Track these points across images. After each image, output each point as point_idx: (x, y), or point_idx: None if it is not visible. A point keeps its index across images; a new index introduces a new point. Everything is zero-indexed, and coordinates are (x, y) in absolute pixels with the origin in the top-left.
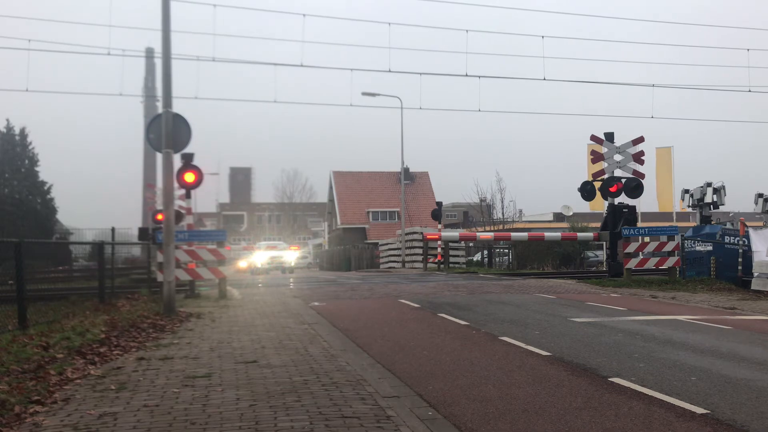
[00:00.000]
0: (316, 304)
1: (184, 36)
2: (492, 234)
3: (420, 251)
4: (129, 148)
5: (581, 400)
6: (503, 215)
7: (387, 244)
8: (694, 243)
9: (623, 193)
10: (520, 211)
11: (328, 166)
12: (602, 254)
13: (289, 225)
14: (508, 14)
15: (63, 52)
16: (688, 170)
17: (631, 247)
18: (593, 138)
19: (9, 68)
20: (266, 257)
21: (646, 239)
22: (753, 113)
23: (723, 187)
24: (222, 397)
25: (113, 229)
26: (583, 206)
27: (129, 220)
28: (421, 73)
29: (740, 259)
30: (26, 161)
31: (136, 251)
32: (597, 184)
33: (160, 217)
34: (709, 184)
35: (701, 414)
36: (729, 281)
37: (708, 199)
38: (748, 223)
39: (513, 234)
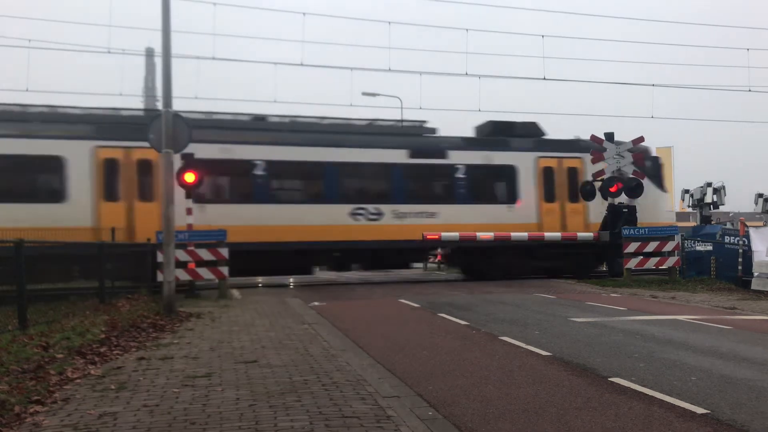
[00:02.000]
0: (316, 304)
1: (184, 36)
2: (492, 234)
3: None
4: None
5: (581, 400)
6: None
7: None
8: (694, 243)
9: (623, 193)
10: None
11: None
12: None
13: None
14: (508, 13)
15: (63, 50)
16: (688, 170)
17: (631, 247)
18: (593, 138)
19: (9, 68)
20: None
21: (646, 239)
22: (753, 113)
23: (723, 187)
24: (222, 397)
25: (113, 229)
26: None
27: None
28: (421, 73)
29: (740, 259)
30: None
31: None
32: (597, 184)
33: None
34: (709, 184)
35: (701, 414)
36: (729, 281)
37: (708, 199)
38: (748, 223)
39: (513, 234)
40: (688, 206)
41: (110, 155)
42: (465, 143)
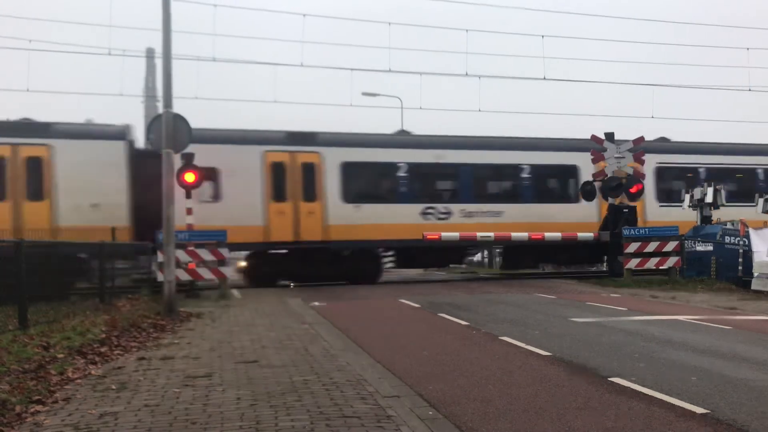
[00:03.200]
0: (317, 304)
1: (184, 36)
2: (492, 234)
3: None
4: None
5: (581, 400)
6: None
7: None
8: (694, 243)
9: (623, 193)
10: None
11: None
12: None
13: None
14: (508, 14)
15: (63, 51)
16: None
17: (632, 247)
18: (593, 138)
19: (9, 68)
20: None
21: (647, 239)
22: (753, 113)
23: (723, 187)
24: (222, 397)
25: (113, 229)
26: None
27: None
28: (421, 73)
29: (740, 259)
30: None
31: None
32: (597, 184)
33: None
34: (709, 184)
35: (701, 414)
36: (729, 281)
37: (708, 199)
38: (748, 223)
39: (513, 234)
40: (688, 206)
41: None
42: None
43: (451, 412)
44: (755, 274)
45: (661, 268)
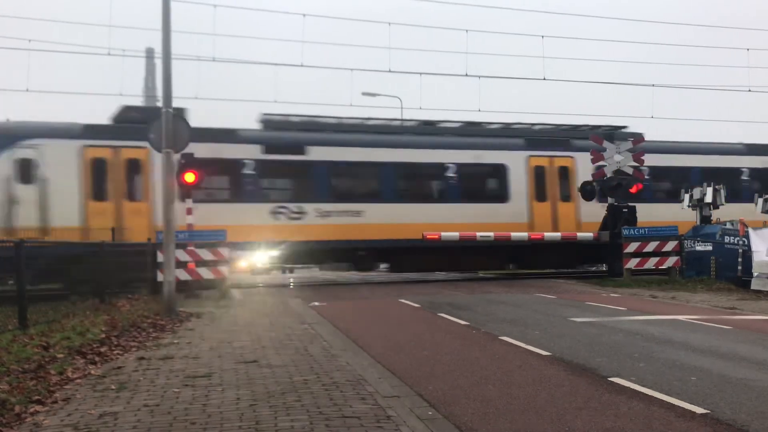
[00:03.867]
0: (317, 304)
1: (184, 36)
2: (492, 234)
3: None
4: None
5: (581, 400)
6: None
7: None
8: (693, 243)
9: (623, 194)
10: None
11: None
12: None
13: None
14: (508, 14)
15: (63, 52)
16: None
17: (631, 247)
18: (593, 138)
19: (9, 68)
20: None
21: (646, 239)
22: (753, 113)
23: (723, 187)
24: (222, 397)
25: (113, 229)
26: None
27: None
28: (421, 73)
29: (740, 259)
30: None
31: None
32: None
33: None
34: (709, 184)
35: (701, 414)
36: (729, 281)
37: (708, 199)
38: (747, 223)
39: (513, 234)
40: (688, 206)
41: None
42: None
43: (451, 412)
44: (755, 274)
45: (660, 268)
